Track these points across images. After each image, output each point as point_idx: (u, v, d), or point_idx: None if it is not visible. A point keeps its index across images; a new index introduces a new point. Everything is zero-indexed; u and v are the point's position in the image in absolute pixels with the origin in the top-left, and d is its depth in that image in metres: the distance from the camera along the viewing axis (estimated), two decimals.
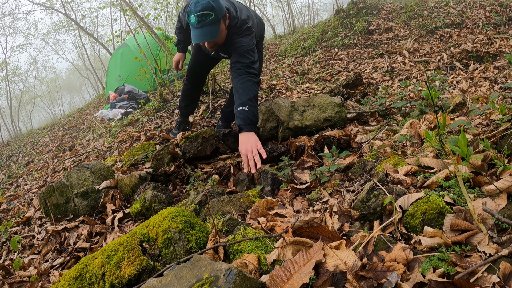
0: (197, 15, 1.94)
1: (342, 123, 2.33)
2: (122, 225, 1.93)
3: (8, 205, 3.18)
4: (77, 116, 9.37)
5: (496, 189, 1.09)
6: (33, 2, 14.51)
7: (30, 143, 7.66)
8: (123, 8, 4.75)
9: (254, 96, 2.03)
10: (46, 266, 1.79)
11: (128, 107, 5.66)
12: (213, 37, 2.02)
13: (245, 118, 1.95)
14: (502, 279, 0.83)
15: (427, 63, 4.29)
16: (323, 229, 1.17)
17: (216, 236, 1.24)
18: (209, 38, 2.02)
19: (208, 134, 2.36)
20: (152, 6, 15.34)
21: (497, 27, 4.65)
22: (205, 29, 1.98)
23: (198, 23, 1.96)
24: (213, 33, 2.01)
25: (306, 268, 0.97)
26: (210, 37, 2.02)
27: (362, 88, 3.44)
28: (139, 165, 2.60)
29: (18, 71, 20.24)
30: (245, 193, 1.67)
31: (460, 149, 1.02)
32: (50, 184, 2.22)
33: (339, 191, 1.51)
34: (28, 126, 21.43)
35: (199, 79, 2.83)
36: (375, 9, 6.35)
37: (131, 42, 6.78)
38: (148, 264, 1.13)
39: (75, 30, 17.75)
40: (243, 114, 1.96)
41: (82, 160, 3.87)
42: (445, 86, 3.29)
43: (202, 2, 1.93)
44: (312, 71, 5.06)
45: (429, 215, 1.08)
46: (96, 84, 20.62)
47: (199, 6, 1.93)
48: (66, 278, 1.21)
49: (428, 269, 0.89)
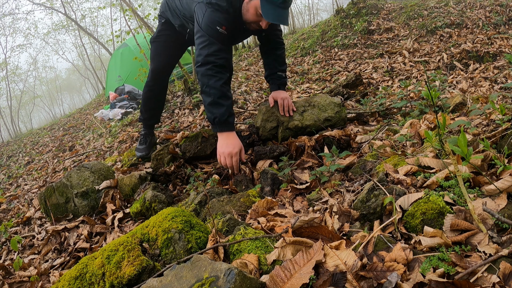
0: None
1: (342, 123, 2.33)
2: (122, 225, 1.93)
3: (8, 205, 3.18)
4: (77, 116, 9.37)
5: (496, 189, 1.09)
6: (33, 2, 14.52)
7: (30, 143, 7.66)
8: (123, 8, 4.75)
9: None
10: (46, 266, 1.79)
11: (128, 107, 5.66)
12: (288, 21, 1.90)
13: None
14: (502, 279, 0.83)
15: (427, 63, 4.29)
16: (323, 229, 1.17)
17: (216, 236, 1.24)
18: (288, 22, 1.89)
19: (208, 133, 2.36)
20: (152, 6, 15.35)
21: (497, 27, 4.65)
22: (287, 11, 1.84)
23: (283, 3, 1.78)
24: (288, 16, 1.90)
25: (306, 268, 0.97)
26: (288, 20, 1.89)
27: (362, 88, 3.44)
28: (139, 165, 2.60)
29: (18, 71, 20.28)
30: (245, 193, 1.67)
31: (460, 149, 1.02)
32: (50, 184, 2.22)
33: (339, 191, 1.51)
34: (28, 126, 21.44)
35: (165, 81, 2.52)
36: (375, 9, 6.35)
37: (131, 42, 6.78)
38: (148, 264, 1.13)
39: (75, 30, 17.77)
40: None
41: (82, 160, 3.87)
42: (445, 86, 3.29)
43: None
44: (312, 71, 5.06)
45: (429, 215, 1.08)
46: (96, 84, 20.63)
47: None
48: (66, 278, 1.21)
49: (428, 269, 0.89)
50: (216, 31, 1.86)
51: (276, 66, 2.29)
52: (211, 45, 1.85)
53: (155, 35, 2.46)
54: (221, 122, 1.84)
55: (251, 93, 4.12)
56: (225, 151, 1.83)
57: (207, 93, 1.85)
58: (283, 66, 2.31)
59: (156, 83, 2.45)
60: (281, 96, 2.26)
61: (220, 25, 1.86)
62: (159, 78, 2.44)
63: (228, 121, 1.84)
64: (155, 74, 2.43)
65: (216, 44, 1.86)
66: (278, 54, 2.28)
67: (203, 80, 1.86)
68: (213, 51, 1.85)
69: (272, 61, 2.30)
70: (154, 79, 2.44)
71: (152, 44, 2.44)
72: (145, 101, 2.58)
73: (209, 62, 1.85)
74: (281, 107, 2.25)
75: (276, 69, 2.29)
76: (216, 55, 1.85)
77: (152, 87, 2.48)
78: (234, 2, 1.90)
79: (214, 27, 1.86)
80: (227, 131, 1.85)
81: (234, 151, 1.82)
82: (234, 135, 1.88)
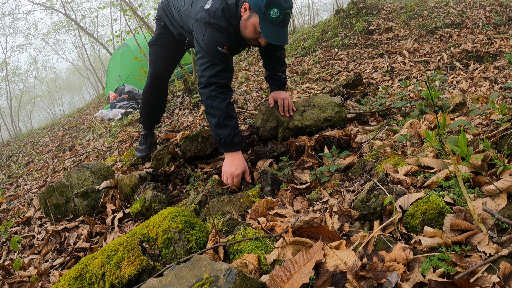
0: (285, 12, 1.71)
1: (342, 123, 2.33)
2: (122, 225, 1.93)
3: (8, 205, 3.18)
4: (77, 116, 9.37)
5: (496, 189, 1.09)
6: (33, 2, 14.52)
7: (30, 143, 7.66)
8: (123, 8, 4.75)
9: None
10: (46, 266, 1.79)
11: (128, 107, 5.66)
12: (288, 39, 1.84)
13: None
14: (502, 279, 0.83)
15: (427, 63, 4.29)
16: (323, 229, 1.17)
17: (216, 236, 1.24)
18: (287, 40, 1.84)
19: (207, 133, 2.36)
20: (152, 6, 15.36)
21: (497, 27, 4.65)
22: (286, 29, 1.79)
23: (282, 21, 1.73)
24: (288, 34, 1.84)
25: (306, 268, 0.97)
26: (287, 39, 1.84)
27: (362, 88, 3.44)
28: (139, 165, 2.60)
29: (18, 71, 20.28)
30: (245, 193, 1.67)
31: (460, 149, 1.02)
32: (50, 184, 2.22)
33: (339, 191, 1.51)
34: (28, 126, 21.43)
35: (165, 84, 2.48)
36: (375, 9, 6.35)
37: (131, 42, 6.78)
38: (148, 264, 1.13)
39: (75, 30, 17.76)
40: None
41: (82, 160, 3.87)
42: (445, 86, 3.29)
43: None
44: (312, 71, 5.06)
45: (429, 215, 1.08)
46: (96, 84, 20.63)
47: (287, 3, 1.71)
48: (66, 278, 1.21)
49: (428, 269, 0.89)
50: (218, 51, 1.86)
51: (276, 67, 2.29)
52: (214, 66, 1.86)
53: (154, 38, 2.41)
54: (226, 143, 1.87)
55: (251, 93, 4.12)
56: (227, 171, 1.87)
57: (212, 114, 1.88)
58: (282, 67, 2.32)
59: (155, 88, 2.42)
60: (281, 96, 2.27)
61: (222, 46, 1.86)
62: (158, 82, 2.41)
63: (233, 142, 1.87)
64: (154, 79, 2.39)
65: (218, 64, 1.86)
66: (278, 55, 2.28)
67: (207, 102, 1.88)
68: (216, 72, 1.86)
69: (272, 62, 2.30)
70: (154, 84, 2.40)
71: (150, 47, 2.40)
72: (144, 105, 2.55)
73: (212, 84, 1.86)
74: (281, 107, 2.26)
75: (276, 70, 2.30)
76: (219, 76, 1.87)
77: (151, 92, 2.45)
78: (233, 19, 1.87)
79: (215, 48, 1.85)
80: (232, 151, 1.88)
81: (237, 172, 1.85)
82: (240, 156, 1.90)
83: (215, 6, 1.84)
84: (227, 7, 1.85)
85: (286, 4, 1.70)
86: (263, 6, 1.69)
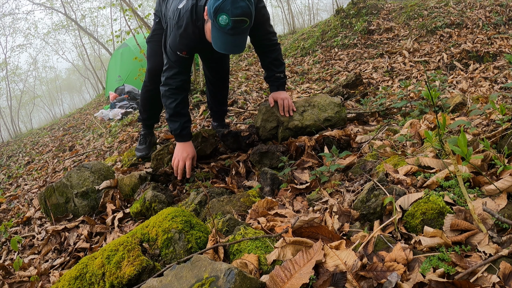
0: (235, 20, 1.63)
1: (342, 123, 2.33)
2: (122, 225, 1.93)
3: (8, 205, 3.18)
4: (77, 116, 9.37)
5: (496, 189, 1.09)
6: (33, 2, 14.52)
7: (30, 143, 7.66)
8: (123, 8, 4.75)
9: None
10: (46, 266, 1.79)
11: (128, 107, 5.66)
12: (243, 48, 1.77)
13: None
14: (502, 279, 0.83)
15: (427, 63, 4.29)
16: (323, 229, 1.17)
17: (216, 236, 1.24)
18: (240, 50, 1.76)
19: (207, 133, 2.36)
20: (152, 6, 15.36)
21: (497, 27, 4.65)
22: (238, 37, 1.71)
23: (231, 29, 1.66)
24: (244, 43, 1.76)
25: (306, 268, 0.97)
26: (241, 48, 1.76)
27: (362, 88, 3.44)
28: (139, 165, 2.60)
29: (18, 71, 20.28)
30: (245, 193, 1.67)
31: (460, 149, 1.02)
32: (50, 184, 2.22)
33: (339, 191, 1.51)
34: (28, 126, 21.41)
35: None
36: (375, 9, 6.35)
37: (131, 42, 6.78)
38: (148, 264, 1.13)
39: (75, 30, 17.75)
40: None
41: (82, 160, 3.87)
42: (445, 86, 3.29)
43: (242, 5, 1.62)
44: (312, 71, 5.06)
45: (429, 215, 1.08)
46: (96, 84, 20.62)
47: (238, 9, 1.61)
48: (66, 278, 1.21)
49: (428, 269, 0.89)
50: (177, 55, 2.00)
51: (273, 68, 2.29)
52: (171, 69, 2.05)
53: (150, 34, 2.47)
54: (176, 134, 2.12)
55: (251, 93, 4.12)
56: (179, 155, 2.09)
57: (166, 109, 2.13)
58: (280, 68, 2.29)
59: (153, 83, 2.39)
60: (281, 96, 2.27)
61: (181, 51, 1.99)
62: (156, 78, 2.36)
63: (181, 134, 2.10)
64: (152, 74, 2.41)
65: (174, 68, 2.04)
66: (274, 57, 2.26)
67: (162, 99, 2.13)
68: (171, 75, 2.05)
69: (269, 64, 2.30)
70: (152, 79, 2.41)
71: (148, 44, 2.46)
72: (143, 102, 2.61)
73: (167, 84, 2.08)
74: (281, 107, 2.27)
75: (273, 71, 2.29)
76: (174, 79, 2.06)
77: (149, 87, 2.48)
78: (199, 21, 1.88)
79: (175, 51, 1.99)
80: (182, 141, 2.12)
81: (188, 156, 2.09)
82: (190, 145, 2.14)
83: (187, 6, 1.90)
84: (196, 8, 1.88)
85: (236, 11, 1.61)
86: (212, 12, 1.65)
